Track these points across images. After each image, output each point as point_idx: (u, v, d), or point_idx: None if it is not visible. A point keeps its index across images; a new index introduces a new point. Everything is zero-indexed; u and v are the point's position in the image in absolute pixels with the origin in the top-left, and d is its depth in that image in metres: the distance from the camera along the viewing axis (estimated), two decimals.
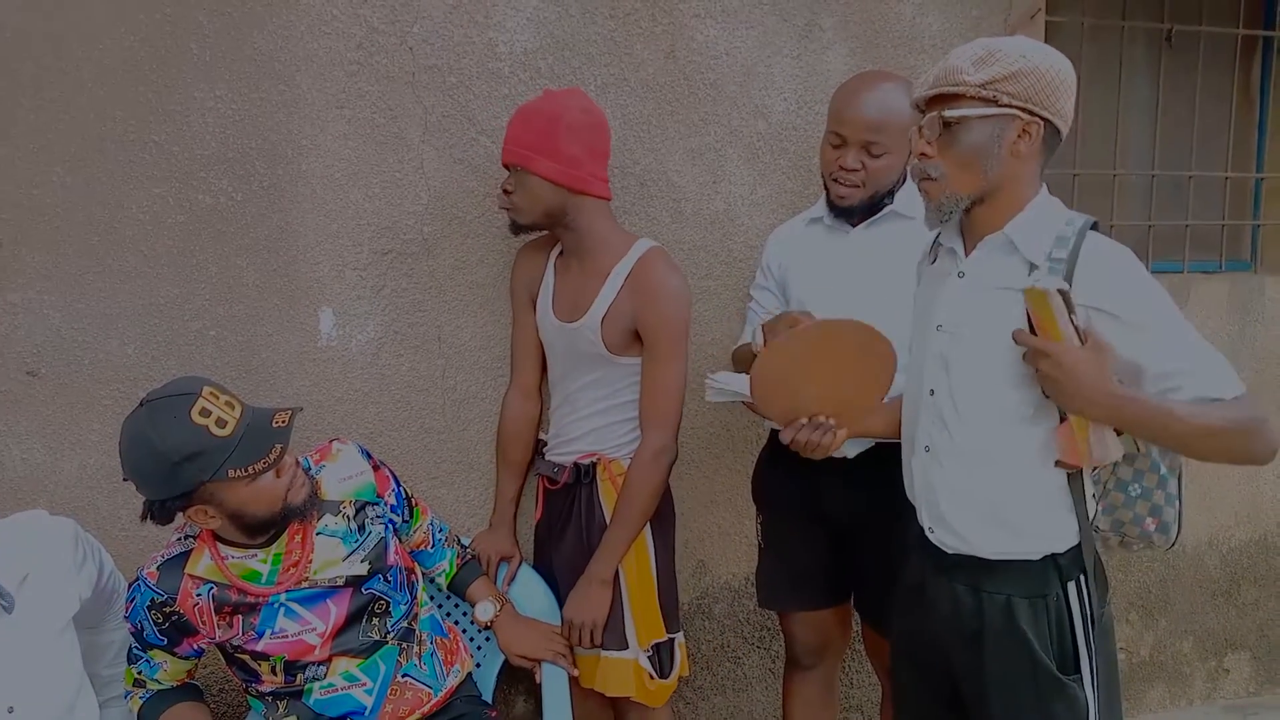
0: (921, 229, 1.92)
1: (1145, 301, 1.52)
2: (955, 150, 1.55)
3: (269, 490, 1.66)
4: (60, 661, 1.66)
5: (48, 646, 1.63)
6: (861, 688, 2.68)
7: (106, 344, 2.08)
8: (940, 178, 1.57)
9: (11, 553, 1.58)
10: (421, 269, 2.26)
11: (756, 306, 2.21)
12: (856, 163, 1.92)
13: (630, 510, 2.01)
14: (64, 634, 1.67)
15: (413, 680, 1.87)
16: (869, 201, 1.97)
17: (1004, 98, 1.51)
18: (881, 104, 1.90)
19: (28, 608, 1.60)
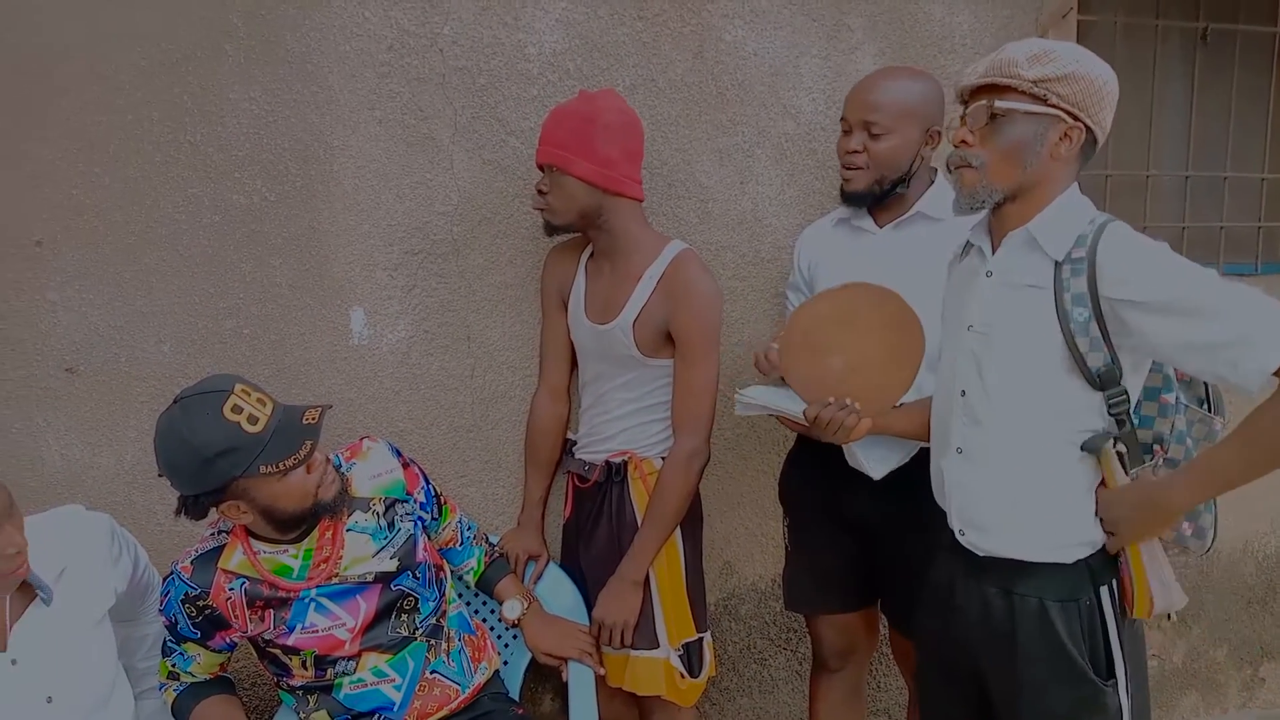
0: (948, 232, 1.92)
1: (1165, 279, 1.46)
2: (998, 142, 1.55)
3: (300, 486, 1.68)
4: (97, 653, 1.69)
5: (85, 638, 1.66)
6: (889, 691, 2.66)
7: (143, 342, 2.12)
8: (980, 167, 1.57)
9: (49, 547, 1.61)
10: (451, 269, 2.28)
11: (790, 305, 2.22)
12: (859, 144, 1.94)
13: (663, 512, 2.02)
14: (100, 626, 1.71)
15: (441, 677, 1.88)
16: (876, 186, 1.96)
17: (1053, 98, 1.52)
18: (881, 86, 1.93)
19: (65, 600, 1.63)
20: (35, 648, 1.59)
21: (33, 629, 1.60)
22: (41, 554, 1.58)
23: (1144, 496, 1.54)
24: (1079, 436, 1.57)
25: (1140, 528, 1.56)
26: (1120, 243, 1.51)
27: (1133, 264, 1.48)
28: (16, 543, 1.51)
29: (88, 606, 1.67)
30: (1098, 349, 1.52)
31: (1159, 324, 1.45)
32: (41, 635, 1.60)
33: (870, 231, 2.04)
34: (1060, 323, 1.53)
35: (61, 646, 1.62)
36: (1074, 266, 1.53)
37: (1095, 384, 1.54)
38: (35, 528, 1.57)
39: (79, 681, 1.64)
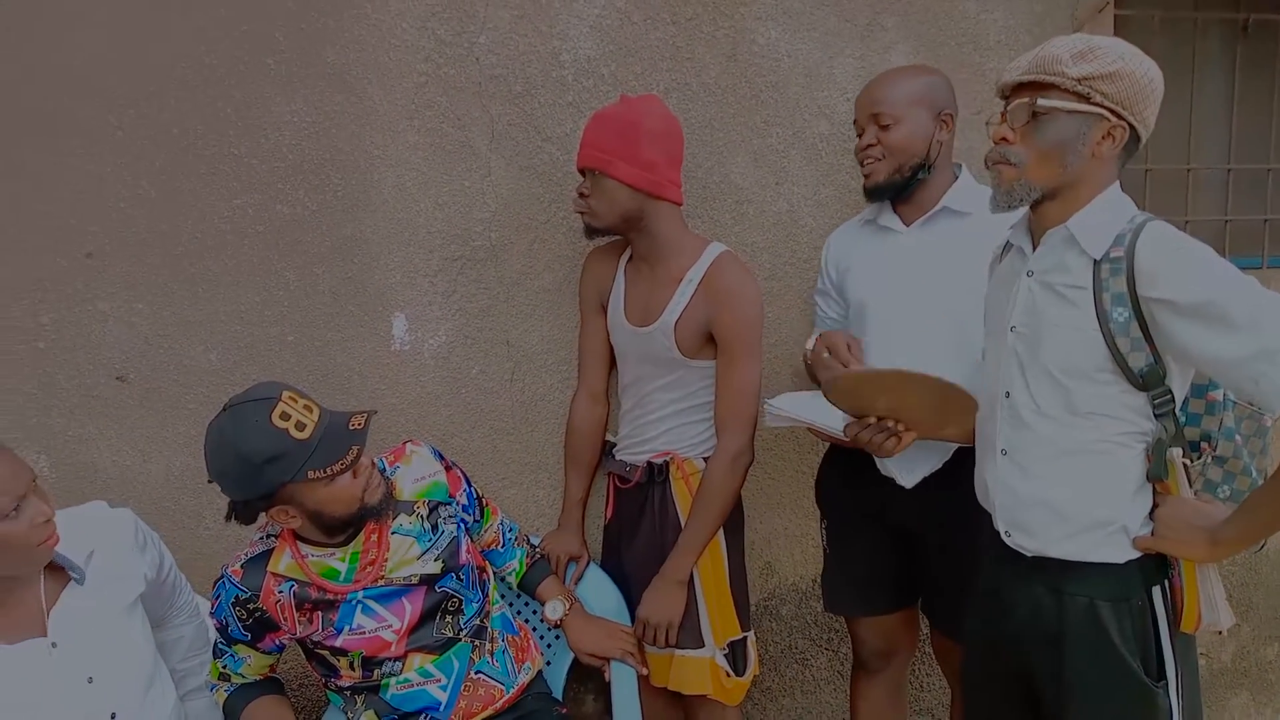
0: (976, 227, 1.92)
1: (1199, 280, 1.42)
2: (1038, 140, 1.54)
3: (347, 491, 1.71)
4: (132, 636, 1.74)
5: (119, 621, 1.71)
6: (931, 691, 2.65)
7: (191, 350, 2.17)
8: (1019, 164, 1.56)
9: (76, 532, 1.67)
10: (490, 275, 2.31)
11: (820, 312, 2.22)
12: (873, 138, 1.96)
13: (707, 513, 2.03)
14: (133, 611, 1.76)
15: (485, 677, 1.90)
16: (897, 175, 1.96)
17: (1097, 96, 1.50)
18: (884, 81, 1.97)
19: (97, 581, 1.68)
20: (73, 631, 1.64)
21: (69, 612, 1.65)
22: (70, 539, 1.64)
23: (1199, 524, 1.52)
24: (1124, 437, 1.56)
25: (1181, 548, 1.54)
26: (1159, 242, 1.49)
27: (1169, 263, 1.46)
28: (44, 511, 1.56)
29: (119, 589, 1.72)
30: (1139, 349, 1.50)
31: (1187, 328, 1.43)
32: (78, 618, 1.65)
33: (897, 231, 2.04)
34: (1100, 323, 1.51)
35: (98, 629, 1.67)
36: (1113, 266, 1.51)
37: (1138, 384, 1.52)
38: (63, 518, 1.61)
39: (117, 663, 1.69)
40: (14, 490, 1.52)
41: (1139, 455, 1.56)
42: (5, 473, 1.52)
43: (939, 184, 2.00)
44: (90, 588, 1.67)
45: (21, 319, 2.09)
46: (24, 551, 1.54)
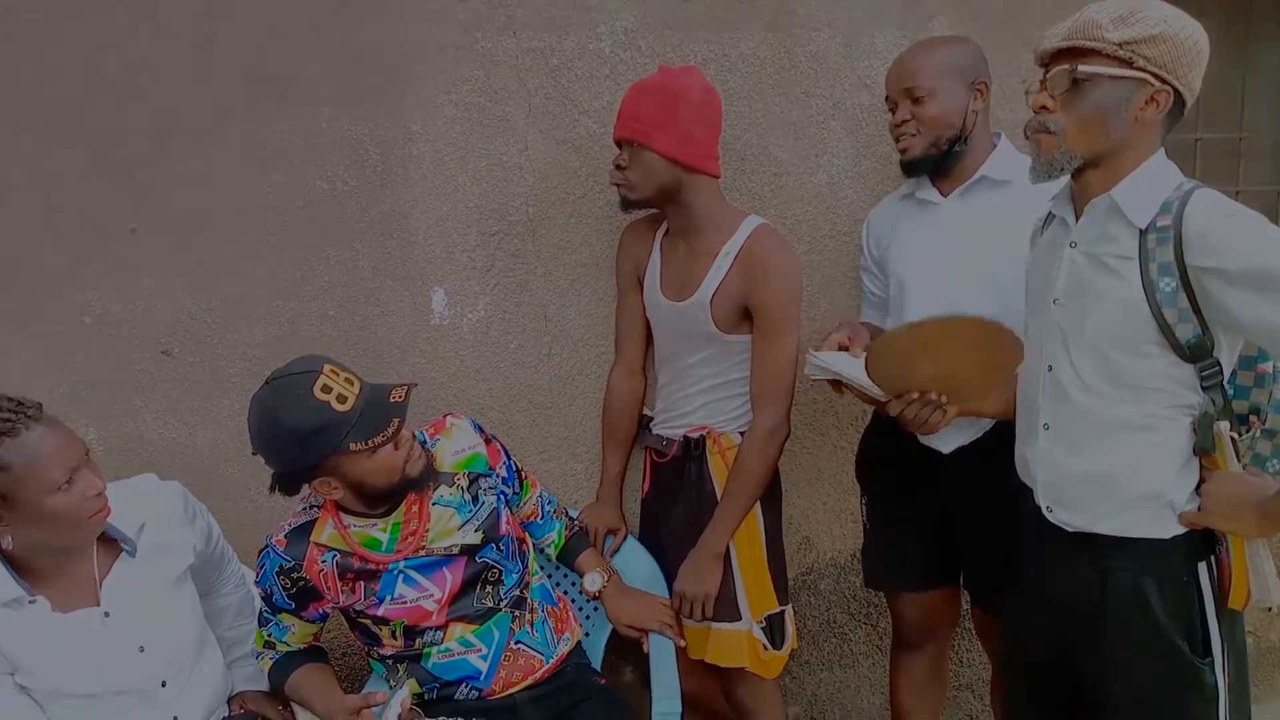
0: (1017, 195, 1.89)
1: (1251, 248, 1.39)
2: (1079, 108, 1.51)
3: (388, 462, 1.72)
4: (182, 607, 1.78)
5: (169, 592, 1.75)
6: (972, 666, 2.64)
7: (234, 324, 2.19)
8: (1058, 133, 1.53)
9: (128, 505, 1.70)
10: (527, 249, 2.31)
11: (866, 289, 2.21)
12: (906, 114, 1.94)
13: (743, 487, 2.02)
14: (183, 583, 1.80)
15: (525, 647, 1.92)
16: (932, 150, 1.94)
17: (1139, 60, 1.47)
18: (913, 54, 1.95)
19: (148, 553, 1.72)
20: (125, 600, 1.68)
21: (121, 583, 1.69)
22: (122, 512, 1.67)
23: (1248, 498, 1.49)
24: (1170, 411, 1.53)
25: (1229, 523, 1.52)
26: (1208, 209, 1.45)
27: (1219, 231, 1.42)
28: (96, 484, 1.59)
29: (170, 562, 1.76)
30: (1186, 320, 1.47)
31: (1238, 297, 1.40)
32: (130, 588, 1.69)
33: (935, 203, 2.01)
34: (1146, 294, 1.48)
35: (149, 599, 1.71)
36: (1160, 235, 1.48)
37: (1186, 356, 1.49)
38: (114, 490, 1.65)
39: (168, 633, 1.73)
40: (66, 463, 1.55)
41: (1185, 429, 1.53)
42: (57, 445, 1.55)
43: (977, 153, 1.97)
44: (141, 560, 1.71)
45: (68, 294, 2.13)
46: (76, 523, 1.58)
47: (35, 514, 1.53)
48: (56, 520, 1.55)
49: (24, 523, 1.54)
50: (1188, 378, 1.51)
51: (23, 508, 1.52)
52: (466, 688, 1.88)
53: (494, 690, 1.89)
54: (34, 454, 1.52)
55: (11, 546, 1.58)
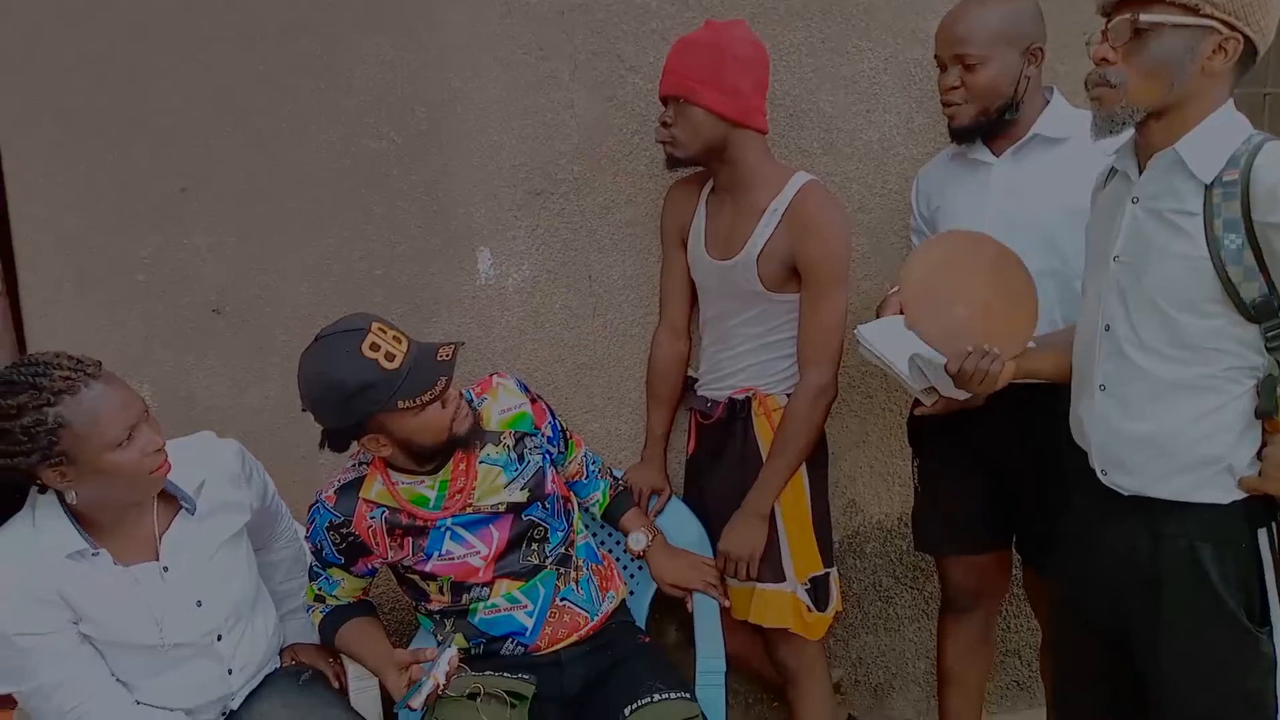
0: (1072, 152, 1.85)
1: None
2: (1142, 58, 1.45)
3: (436, 420, 1.73)
4: (238, 564, 1.82)
5: (226, 549, 1.79)
6: (1019, 632, 2.61)
7: (283, 283, 2.21)
8: (1120, 85, 1.47)
9: (188, 463, 1.73)
10: (573, 208, 2.30)
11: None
12: (956, 80, 1.89)
13: (789, 448, 2.01)
14: (240, 540, 1.83)
15: (570, 604, 1.94)
16: (982, 117, 1.90)
17: (1206, 7, 1.40)
18: (965, 17, 1.87)
19: (206, 511, 1.75)
20: (183, 556, 1.72)
21: (180, 539, 1.72)
22: (181, 469, 1.70)
23: None
24: (1232, 372, 1.48)
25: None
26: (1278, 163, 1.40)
27: None
28: (155, 441, 1.62)
29: (226, 519, 1.79)
30: (1252, 278, 1.42)
31: None
32: (188, 544, 1.73)
33: (988, 162, 1.96)
34: (1210, 250, 1.43)
35: (206, 555, 1.75)
36: (1226, 190, 1.43)
37: (1250, 316, 1.45)
38: (173, 448, 1.67)
39: (224, 588, 1.77)
40: (126, 420, 1.58)
41: (1247, 391, 1.49)
42: (117, 403, 1.58)
43: (1029, 112, 1.92)
44: (200, 517, 1.74)
45: (121, 252, 2.16)
46: (136, 479, 1.61)
47: (97, 470, 1.56)
48: (117, 476, 1.58)
49: (86, 478, 1.57)
50: (1252, 338, 1.47)
51: (84, 464, 1.55)
52: (512, 643, 1.90)
53: (539, 646, 1.91)
54: (94, 411, 1.54)
55: (76, 501, 1.61)
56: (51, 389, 1.52)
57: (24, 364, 1.57)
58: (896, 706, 2.64)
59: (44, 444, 1.51)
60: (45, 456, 1.52)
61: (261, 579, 1.93)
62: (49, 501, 1.64)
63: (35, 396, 1.51)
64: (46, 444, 1.51)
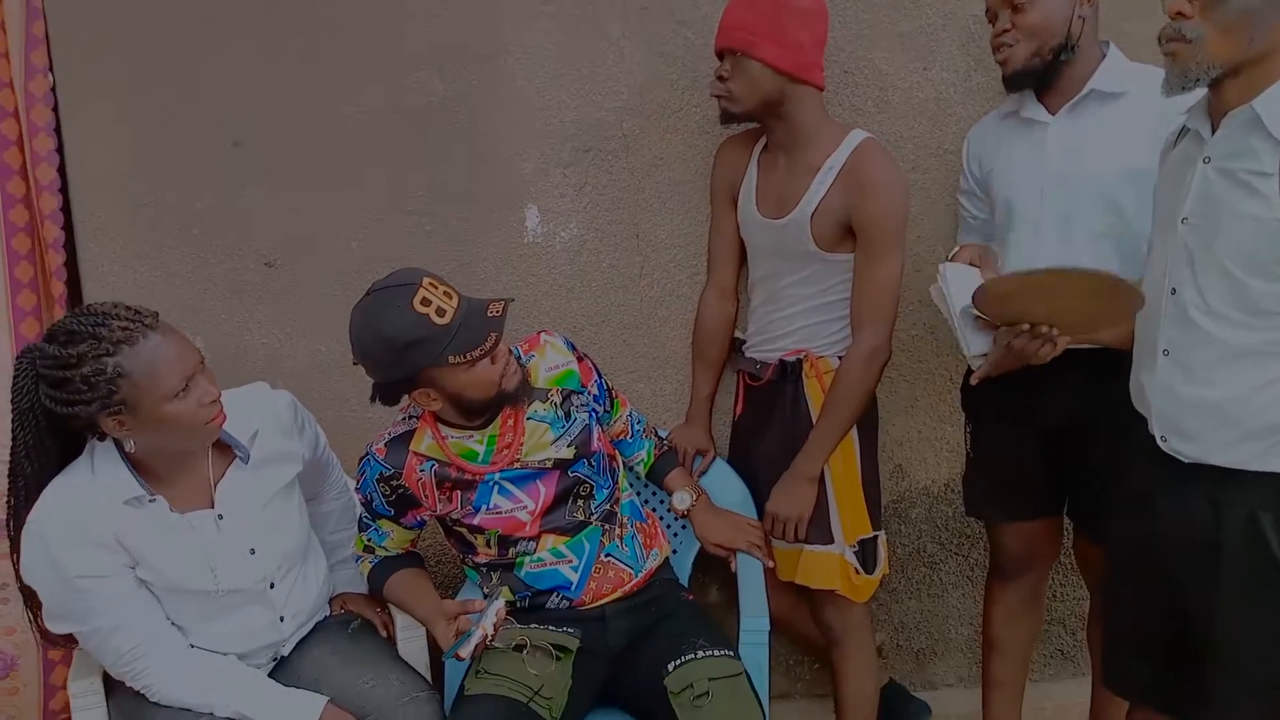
0: (1131, 106, 1.80)
1: None
2: (1221, 11, 1.40)
3: (485, 376, 1.74)
4: (290, 513, 1.84)
5: (279, 498, 1.81)
6: (1065, 600, 2.58)
7: (332, 237, 2.23)
8: (1195, 40, 1.42)
9: (242, 413, 1.75)
10: (620, 166, 2.28)
11: (965, 213, 2.13)
12: (1006, 23, 1.84)
13: (840, 410, 1.99)
14: (292, 489, 1.85)
15: (615, 560, 1.94)
16: (1035, 61, 1.84)
17: None
18: None
19: (260, 461, 1.78)
20: (237, 505, 1.75)
21: (234, 488, 1.75)
22: (236, 420, 1.73)
23: None
24: None
25: None
26: None
27: None
28: (211, 392, 1.64)
29: (279, 469, 1.82)
30: None
31: None
32: (242, 493, 1.76)
33: (1043, 121, 1.91)
34: None
35: (259, 504, 1.77)
36: None
37: None
38: (228, 399, 1.70)
39: (277, 537, 1.80)
40: (182, 371, 1.60)
41: None
42: (174, 354, 1.60)
43: (1085, 65, 1.86)
44: (253, 467, 1.77)
45: (176, 205, 2.19)
46: (193, 429, 1.63)
47: (154, 419, 1.59)
48: (174, 426, 1.61)
49: (144, 427, 1.60)
50: None
51: (143, 414, 1.58)
52: (558, 597, 1.92)
53: (584, 601, 1.92)
54: (152, 362, 1.57)
55: (134, 449, 1.64)
56: (111, 339, 1.55)
57: (83, 314, 1.60)
58: (938, 672, 2.63)
59: (103, 393, 1.54)
60: (104, 405, 1.55)
61: (312, 529, 1.96)
62: (107, 449, 1.67)
63: (95, 346, 1.54)
64: (106, 393, 1.54)
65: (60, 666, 2.31)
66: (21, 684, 2.29)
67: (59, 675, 2.31)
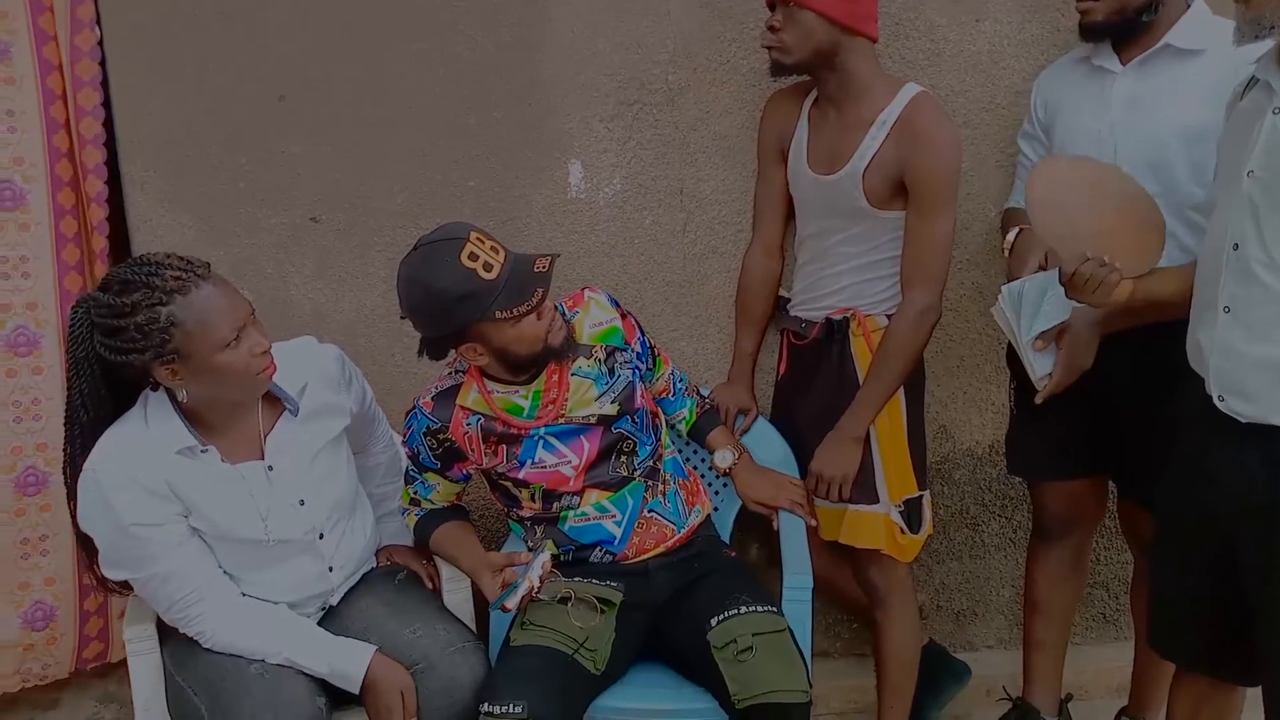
0: (1207, 65, 1.75)
1: None
2: None
3: (531, 331, 1.74)
4: (338, 465, 1.86)
5: (327, 450, 1.83)
6: (1108, 564, 2.56)
7: (378, 192, 2.23)
8: None
9: (290, 366, 1.77)
10: (665, 120, 2.25)
11: (1024, 159, 2.08)
12: None
13: (889, 370, 1.97)
14: (340, 443, 1.87)
15: (658, 516, 1.95)
16: (1115, 18, 1.79)
17: None
18: None
19: (308, 413, 1.80)
20: (287, 456, 1.77)
21: (284, 439, 1.77)
22: (285, 372, 1.74)
23: None
24: None
25: None
26: None
27: None
28: (262, 343, 1.66)
29: (327, 422, 1.84)
30: None
31: None
32: (291, 445, 1.78)
33: (1113, 71, 1.86)
34: None
35: (308, 455, 1.79)
36: None
37: None
38: (276, 352, 1.71)
39: (325, 488, 1.82)
40: (234, 321, 1.62)
41: None
42: (225, 304, 1.62)
43: (1165, 18, 1.80)
44: (302, 419, 1.79)
45: (223, 160, 2.19)
46: (244, 379, 1.65)
47: (207, 369, 1.61)
48: (226, 375, 1.62)
49: (197, 377, 1.62)
50: None
51: (195, 363, 1.59)
52: (601, 551, 1.93)
53: (627, 555, 1.93)
54: (204, 311, 1.59)
55: (186, 399, 1.66)
56: (164, 288, 1.56)
57: (137, 263, 1.61)
58: (978, 634, 2.62)
59: (156, 341, 1.56)
60: (158, 354, 1.57)
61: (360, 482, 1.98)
62: (160, 399, 1.69)
63: (149, 295, 1.56)
64: (159, 342, 1.56)
65: (94, 618, 2.37)
66: (59, 634, 2.33)
67: (93, 625, 2.37)
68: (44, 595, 2.31)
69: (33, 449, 2.24)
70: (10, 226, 2.15)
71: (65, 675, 2.39)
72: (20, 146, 2.13)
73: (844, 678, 2.53)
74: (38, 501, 2.26)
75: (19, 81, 2.10)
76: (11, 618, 2.28)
